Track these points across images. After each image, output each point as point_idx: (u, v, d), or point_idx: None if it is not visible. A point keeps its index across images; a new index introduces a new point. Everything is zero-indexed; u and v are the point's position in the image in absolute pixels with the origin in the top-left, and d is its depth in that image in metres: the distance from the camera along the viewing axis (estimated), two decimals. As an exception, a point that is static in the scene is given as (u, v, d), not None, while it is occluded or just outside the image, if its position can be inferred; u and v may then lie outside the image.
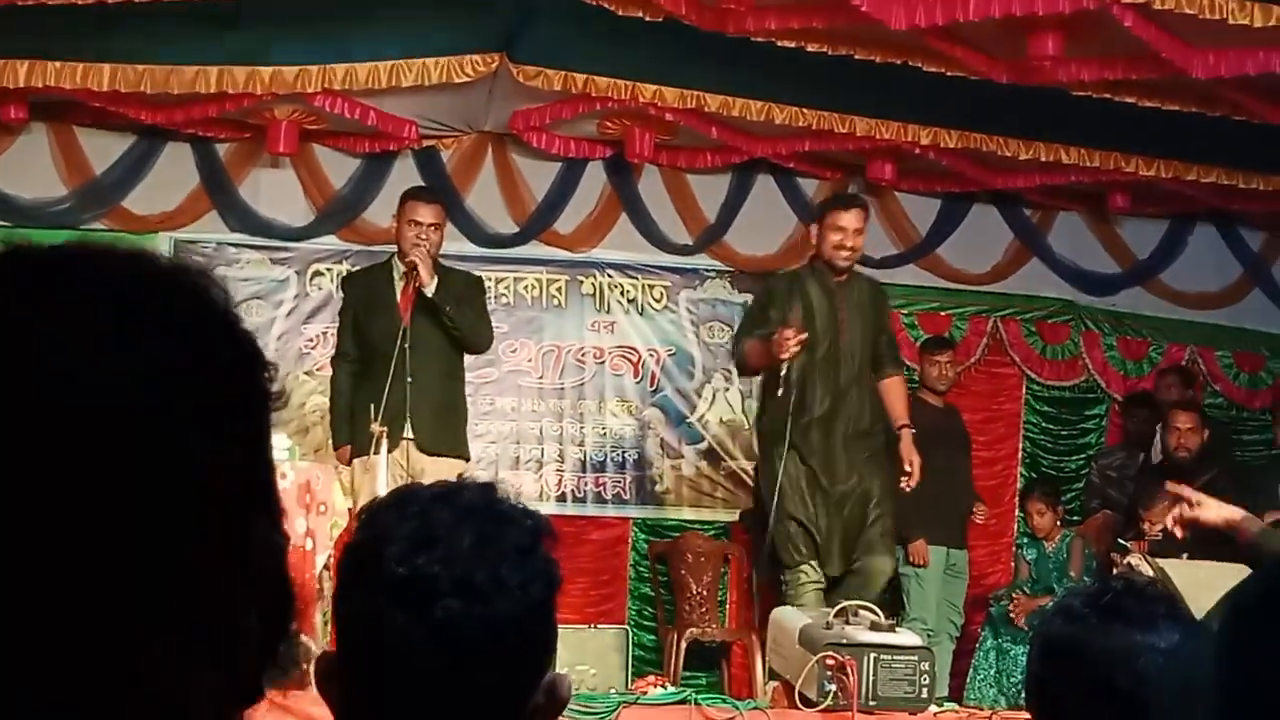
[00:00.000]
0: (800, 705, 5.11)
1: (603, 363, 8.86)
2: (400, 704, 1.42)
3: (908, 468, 6.73)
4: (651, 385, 8.90)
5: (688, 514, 8.84)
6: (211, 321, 0.85)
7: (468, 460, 6.69)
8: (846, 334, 6.80)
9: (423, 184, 7.75)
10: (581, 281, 8.90)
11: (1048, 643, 2.04)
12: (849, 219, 6.77)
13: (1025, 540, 8.59)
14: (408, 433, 6.36)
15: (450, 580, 1.39)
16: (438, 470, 6.26)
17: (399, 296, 6.56)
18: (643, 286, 8.96)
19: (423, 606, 1.39)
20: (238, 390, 0.84)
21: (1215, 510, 4.39)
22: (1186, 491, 4.53)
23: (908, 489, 6.80)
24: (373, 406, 6.17)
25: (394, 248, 6.76)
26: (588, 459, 8.81)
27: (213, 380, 0.82)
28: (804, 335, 6.44)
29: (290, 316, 8.56)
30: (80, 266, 0.83)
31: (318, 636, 5.50)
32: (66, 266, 0.83)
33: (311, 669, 1.47)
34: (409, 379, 6.29)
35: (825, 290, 6.78)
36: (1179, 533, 4.60)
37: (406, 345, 6.30)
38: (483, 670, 1.40)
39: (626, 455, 8.84)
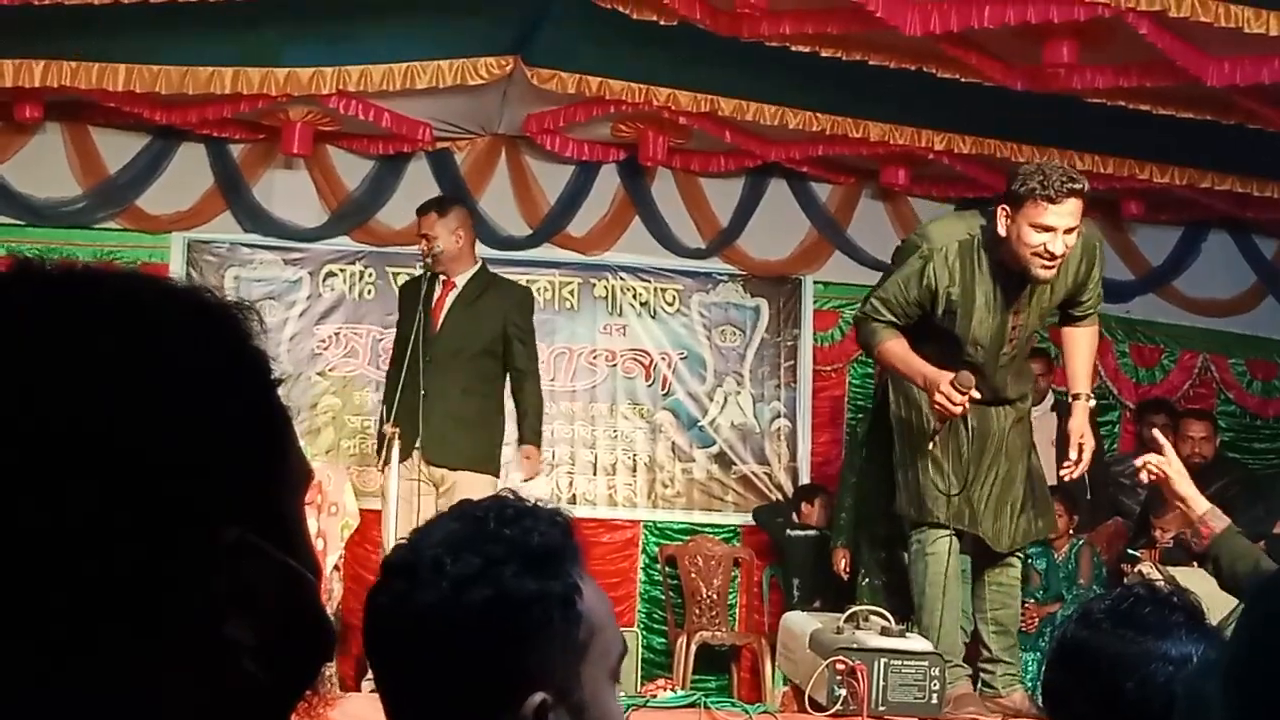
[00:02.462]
0: (810, 710, 5.10)
1: (615, 366, 8.86)
2: (381, 681, 1.46)
3: (1073, 452, 5.06)
4: (663, 389, 8.90)
5: (698, 517, 8.84)
6: (219, 348, 0.85)
7: (495, 475, 6.55)
8: (1016, 343, 5.19)
9: (437, 188, 7.77)
10: (594, 284, 8.90)
11: (1062, 647, 2.05)
12: (1060, 215, 4.73)
13: (1035, 549, 8.53)
14: (418, 443, 6.36)
15: (400, 565, 1.44)
16: (460, 482, 6.26)
17: (432, 306, 6.60)
18: (655, 290, 8.96)
19: (382, 585, 1.45)
20: (238, 416, 0.84)
21: (1186, 486, 3.90)
22: (1166, 445, 4.03)
23: (1070, 477, 5.31)
24: (384, 408, 6.19)
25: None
26: (598, 462, 8.81)
27: (211, 406, 0.82)
28: (967, 399, 4.79)
29: (303, 317, 8.58)
30: (85, 284, 0.83)
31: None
32: (71, 284, 0.83)
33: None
34: (423, 391, 6.29)
35: (1001, 297, 5.03)
36: (1144, 477, 4.01)
37: (426, 359, 6.32)
38: (413, 653, 1.41)
39: (637, 458, 8.84)
